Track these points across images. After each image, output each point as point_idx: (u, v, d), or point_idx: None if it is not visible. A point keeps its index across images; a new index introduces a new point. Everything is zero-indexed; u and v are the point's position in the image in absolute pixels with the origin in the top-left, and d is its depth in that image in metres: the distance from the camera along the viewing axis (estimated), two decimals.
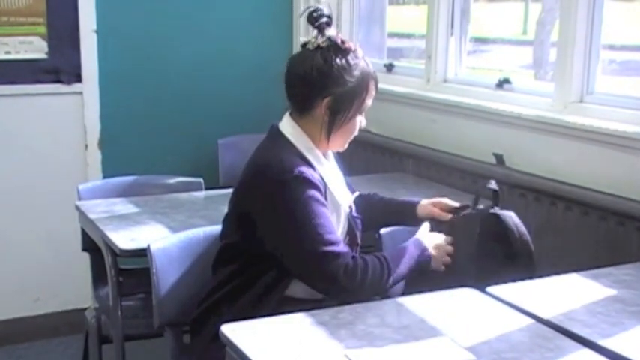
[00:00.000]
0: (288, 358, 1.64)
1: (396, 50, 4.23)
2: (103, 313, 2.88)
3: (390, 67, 3.87)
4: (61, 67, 3.71)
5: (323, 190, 2.05)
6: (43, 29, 3.66)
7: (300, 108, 2.12)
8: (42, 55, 3.67)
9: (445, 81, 3.49)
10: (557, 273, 2.15)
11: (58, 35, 3.69)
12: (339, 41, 2.07)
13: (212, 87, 4.08)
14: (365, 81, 2.10)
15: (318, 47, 2.08)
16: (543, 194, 2.83)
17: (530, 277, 2.10)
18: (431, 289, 2.00)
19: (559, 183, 2.78)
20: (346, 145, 2.19)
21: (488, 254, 2.13)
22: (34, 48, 3.66)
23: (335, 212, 2.11)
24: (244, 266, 2.09)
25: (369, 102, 2.13)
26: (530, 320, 1.84)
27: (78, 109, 3.79)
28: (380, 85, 3.65)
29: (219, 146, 3.87)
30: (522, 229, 2.19)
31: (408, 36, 4.38)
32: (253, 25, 4.14)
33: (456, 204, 2.33)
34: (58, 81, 3.72)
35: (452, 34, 3.47)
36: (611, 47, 2.93)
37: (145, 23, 3.91)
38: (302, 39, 2.15)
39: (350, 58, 2.07)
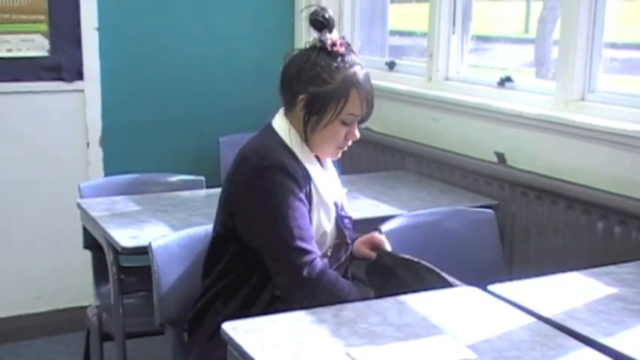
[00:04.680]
0: (289, 356, 1.63)
1: (397, 48, 4.22)
2: (104, 310, 2.89)
3: (391, 65, 3.87)
4: (62, 64, 3.71)
5: (304, 185, 2.05)
6: (44, 27, 3.66)
7: (286, 104, 2.13)
8: (44, 53, 3.67)
9: (447, 79, 3.49)
10: (559, 271, 2.15)
11: (60, 33, 3.69)
12: (328, 42, 2.06)
13: (214, 85, 4.08)
14: (345, 88, 2.03)
15: (310, 47, 2.09)
16: (545, 193, 2.83)
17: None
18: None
19: (560, 181, 2.78)
20: (337, 154, 2.16)
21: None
22: (35, 46, 3.66)
23: (322, 208, 2.10)
24: (230, 266, 2.09)
25: (351, 111, 2.06)
26: (532, 319, 1.84)
27: (79, 106, 3.79)
28: (381, 83, 3.69)
29: (221, 144, 3.87)
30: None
31: (410, 34, 4.37)
32: (255, 23, 4.14)
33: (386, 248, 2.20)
34: (60, 79, 3.72)
35: (454, 32, 3.47)
36: (613, 45, 2.93)
37: (147, 21, 3.91)
38: (309, 39, 2.15)
39: (334, 61, 2.04)
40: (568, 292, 2.01)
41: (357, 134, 2.12)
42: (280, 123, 2.13)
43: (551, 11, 3.53)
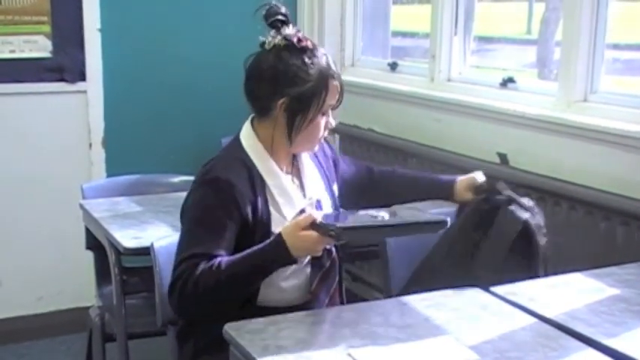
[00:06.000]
0: (291, 357, 1.64)
1: (400, 49, 4.23)
2: (106, 311, 2.89)
3: (393, 66, 3.86)
4: (65, 65, 3.72)
5: (252, 202, 1.96)
6: (47, 28, 3.66)
7: (258, 111, 2.07)
8: (46, 54, 3.68)
9: (449, 80, 3.48)
10: (561, 272, 2.15)
11: (63, 34, 3.69)
12: (294, 40, 2.01)
13: (216, 85, 4.07)
14: (323, 80, 1.99)
15: (274, 47, 2.02)
16: (547, 194, 2.83)
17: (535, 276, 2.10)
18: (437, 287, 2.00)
19: (563, 182, 2.78)
20: (315, 147, 2.12)
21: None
22: (38, 47, 3.66)
23: (284, 221, 2.00)
24: None
25: (330, 102, 2.03)
26: (534, 319, 1.84)
27: (82, 107, 3.80)
28: (384, 84, 3.70)
29: (223, 145, 3.87)
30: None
31: (412, 35, 4.37)
32: (257, 23, 4.13)
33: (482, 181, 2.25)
34: (62, 80, 3.73)
35: (456, 33, 3.47)
36: (616, 46, 2.93)
37: (149, 22, 3.91)
38: (261, 38, 2.07)
39: (306, 57, 1.99)
40: (570, 293, 2.01)
41: (333, 122, 2.09)
42: (246, 134, 2.09)
43: (553, 12, 3.53)
